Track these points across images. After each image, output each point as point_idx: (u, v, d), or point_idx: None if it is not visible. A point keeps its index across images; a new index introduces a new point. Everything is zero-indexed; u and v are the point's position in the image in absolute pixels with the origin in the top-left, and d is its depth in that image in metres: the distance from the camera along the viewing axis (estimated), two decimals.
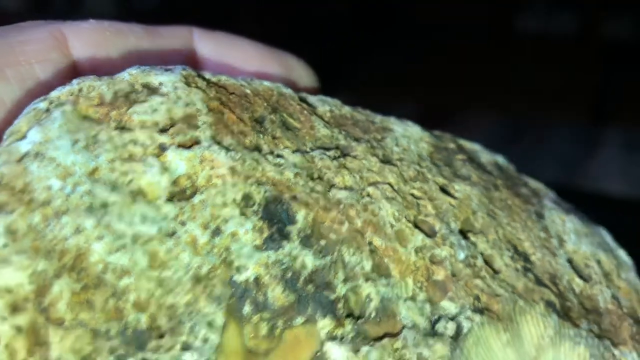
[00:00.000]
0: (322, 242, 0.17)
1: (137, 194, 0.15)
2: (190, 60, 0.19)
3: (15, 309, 0.14)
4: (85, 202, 0.15)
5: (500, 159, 0.22)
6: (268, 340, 0.15)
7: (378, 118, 0.20)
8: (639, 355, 0.20)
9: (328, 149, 0.18)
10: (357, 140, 0.19)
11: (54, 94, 0.16)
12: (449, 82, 0.74)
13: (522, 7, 0.85)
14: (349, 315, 0.16)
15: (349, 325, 0.16)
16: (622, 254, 0.23)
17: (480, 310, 0.18)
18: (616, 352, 0.20)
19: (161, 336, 0.15)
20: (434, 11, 0.84)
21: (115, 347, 0.14)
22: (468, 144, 0.22)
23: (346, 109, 0.19)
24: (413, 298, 0.17)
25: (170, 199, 0.15)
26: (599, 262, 0.22)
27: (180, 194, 0.16)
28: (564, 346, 0.19)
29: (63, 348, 0.14)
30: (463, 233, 0.19)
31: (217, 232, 0.15)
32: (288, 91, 0.18)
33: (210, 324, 0.15)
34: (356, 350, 0.16)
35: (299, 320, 0.16)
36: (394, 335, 0.17)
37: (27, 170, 0.15)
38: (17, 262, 0.14)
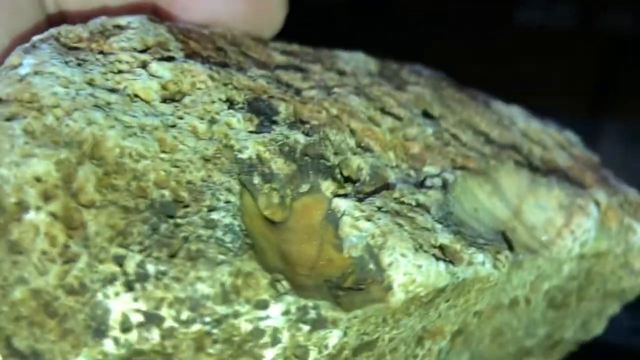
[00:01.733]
0: (307, 126, 0.18)
1: (134, 97, 0.16)
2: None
3: (47, 197, 0.15)
4: (91, 101, 0.16)
5: (440, 74, 0.24)
6: (282, 209, 0.16)
7: (324, 50, 0.22)
8: (607, 193, 0.22)
9: (288, 68, 0.20)
10: (312, 62, 0.20)
11: (35, 38, 0.17)
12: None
13: (523, 3, 0.84)
14: (347, 180, 0.17)
15: (349, 187, 0.17)
16: (570, 134, 0.25)
17: (459, 168, 0.19)
18: (586, 191, 0.21)
19: (186, 206, 0.15)
20: (433, 5, 0.84)
21: (148, 217, 0.15)
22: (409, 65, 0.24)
23: (295, 46, 0.21)
24: (398, 167, 0.19)
25: (164, 101, 0.17)
26: (550, 136, 0.24)
27: (171, 97, 0.17)
28: (540, 191, 0.21)
29: (99, 224, 0.15)
30: (426, 116, 0.21)
31: (213, 121, 0.17)
32: (240, 33, 0.20)
33: (229, 190, 0.16)
34: (361, 200, 0.17)
35: (305, 187, 0.17)
36: (390, 187, 0.18)
37: (31, 83, 0.16)
38: (40, 153, 0.15)
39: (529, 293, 0.21)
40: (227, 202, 0.16)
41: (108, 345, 0.14)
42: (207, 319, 0.14)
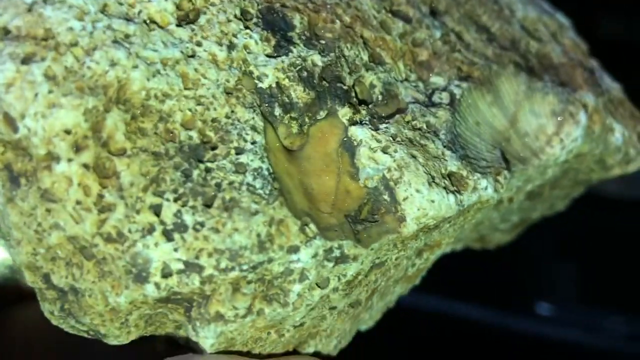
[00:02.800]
0: (322, 42, 0.18)
1: (151, 23, 0.16)
2: None
3: (78, 148, 0.15)
4: (110, 36, 0.15)
5: None
6: (299, 137, 0.17)
7: None
8: (594, 94, 0.22)
9: None
10: None
11: None
12: None
13: None
14: (361, 102, 0.18)
15: (363, 111, 0.17)
16: (560, 16, 0.25)
17: (464, 79, 0.20)
18: (577, 96, 0.22)
19: (214, 147, 0.16)
20: None
21: (179, 163, 0.15)
22: None
23: None
24: (407, 79, 0.19)
25: (179, 24, 0.16)
26: (545, 24, 0.24)
27: (186, 17, 0.16)
28: (535, 98, 0.21)
29: (133, 174, 0.15)
30: (433, 15, 0.21)
31: (231, 46, 0.16)
32: None
33: (253, 128, 0.16)
34: (376, 129, 0.17)
35: (322, 114, 0.17)
36: (402, 111, 0.18)
37: (43, 16, 0.15)
38: (67, 103, 0.14)
39: (513, 194, 0.22)
40: (253, 142, 0.16)
41: (149, 289, 0.15)
42: (245, 267, 0.15)
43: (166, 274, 0.15)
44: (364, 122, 0.17)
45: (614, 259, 0.48)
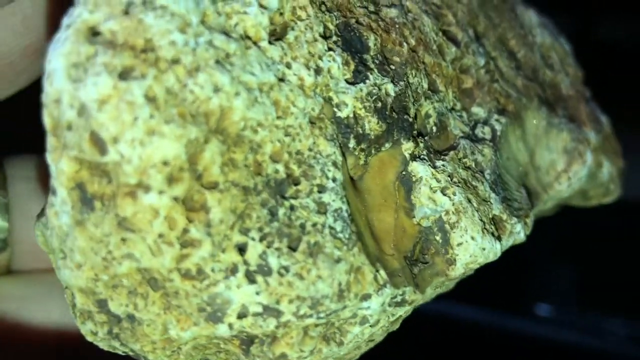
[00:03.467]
0: (392, 67, 0.17)
1: (246, 39, 0.15)
2: None
3: (171, 180, 0.13)
4: (212, 55, 0.14)
5: None
6: (362, 168, 0.16)
7: None
8: (595, 132, 0.23)
9: None
10: None
11: None
12: None
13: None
14: (419, 134, 0.17)
15: (421, 144, 0.17)
16: (563, 40, 0.26)
17: (501, 112, 0.20)
18: (583, 133, 0.22)
19: (296, 183, 0.15)
20: None
21: (266, 199, 0.14)
22: None
23: None
24: (454, 108, 0.19)
25: (270, 41, 0.15)
26: (556, 51, 0.24)
27: (276, 33, 0.15)
28: (552, 133, 0.21)
29: (224, 210, 0.14)
30: (477, 39, 0.20)
31: (318, 71, 0.15)
32: None
33: (334, 164, 0.15)
34: (434, 166, 0.17)
35: (387, 145, 0.16)
36: (454, 147, 0.18)
37: (144, 23, 0.13)
38: (169, 133, 0.13)
39: None
40: (334, 179, 0.15)
41: (222, 329, 0.14)
42: (322, 315, 0.15)
43: (241, 315, 0.14)
44: (422, 156, 0.17)
45: (614, 260, 0.48)
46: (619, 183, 0.25)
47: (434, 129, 0.18)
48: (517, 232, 0.18)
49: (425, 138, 0.17)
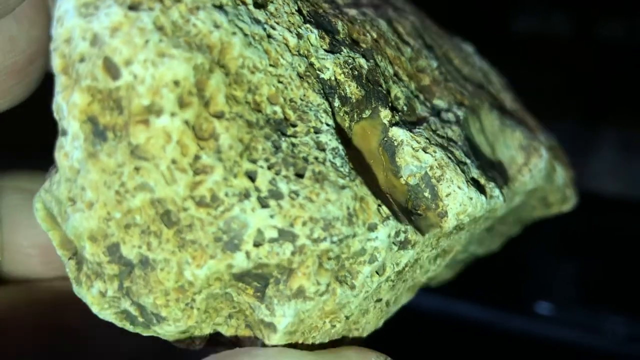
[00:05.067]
0: (361, 48, 0.18)
1: None
2: None
3: (182, 103, 0.14)
4: (209, 0, 0.15)
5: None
6: (347, 131, 0.17)
7: None
8: (545, 137, 0.24)
9: None
10: None
11: None
12: None
13: (518, 9, 0.85)
14: (393, 109, 0.18)
15: (397, 117, 0.18)
16: (496, 74, 0.27)
17: (460, 105, 0.21)
18: (535, 137, 0.23)
19: (294, 125, 0.15)
20: (428, 11, 0.84)
21: (269, 134, 0.15)
22: None
23: None
24: (417, 97, 0.20)
25: (255, 5, 0.16)
26: (495, 76, 0.26)
27: (258, 3, 0.16)
28: (507, 132, 0.22)
29: (232, 137, 0.14)
30: (428, 47, 0.22)
31: (299, 36, 0.17)
32: None
33: (326, 112, 0.16)
34: (411, 131, 0.18)
35: (367, 112, 0.17)
36: (426, 120, 0.19)
37: None
38: (179, 55, 0.14)
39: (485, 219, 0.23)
40: (328, 124, 0.16)
41: (239, 258, 0.14)
42: (335, 239, 0.15)
43: (257, 243, 0.14)
44: (401, 124, 0.18)
45: (614, 259, 0.48)
46: (574, 190, 0.26)
47: (405, 108, 0.19)
48: (496, 195, 0.19)
49: (400, 114, 0.18)
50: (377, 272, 0.16)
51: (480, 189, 0.18)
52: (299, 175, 0.15)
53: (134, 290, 0.15)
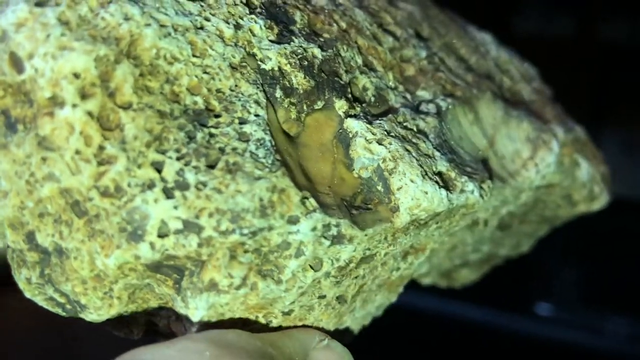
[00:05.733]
0: (321, 39, 0.18)
1: None
2: None
3: (84, 94, 0.14)
4: None
5: None
6: (296, 124, 0.17)
7: None
8: (563, 129, 0.23)
9: None
10: None
11: None
12: None
13: (520, 9, 0.85)
14: (356, 100, 0.18)
15: (358, 108, 0.18)
16: (528, 66, 0.26)
17: (448, 95, 0.20)
18: (549, 127, 0.23)
19: (217, 116, 0.15)
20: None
21: (183, 124, 0.15)
22: None
23: None
24: (396, 88, 0.19)
25: None
26: (515, 67, 0.25)
27: None
28: (511, 123, 0.22)
29: (137, 127, 0.14)
30: (419, 37, 0.22)
31: (238, 26, 0.17)
32: None
33: (257, 102, 0.16)
34: (370, 123, 0.17)
35: (320, 104, 0.17)
36: (394, 111, 0.19)
37: None
38: (79, 47, 0.14)
39: (489, 216, 0.22)
40: (257, 115, 0.16)
41: (143, 249, 0.14)
42: (245, 231, 0.15)
43: (163, 234, 0.14)
44: (359, 116, 0.18)
45: (615, 260, 0.48)
46: (605, 188, 0.25)
47: (373, 99, 0.18)
48: (470, 190, 0.18)
49: (363, 105, 0.18)
50: (311, 267, 0.16)
51: (446, 183, 0.18)
52: (211, 166, 0.15)
53: (53, 277, 0.16)
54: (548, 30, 0.81)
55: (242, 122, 0.16)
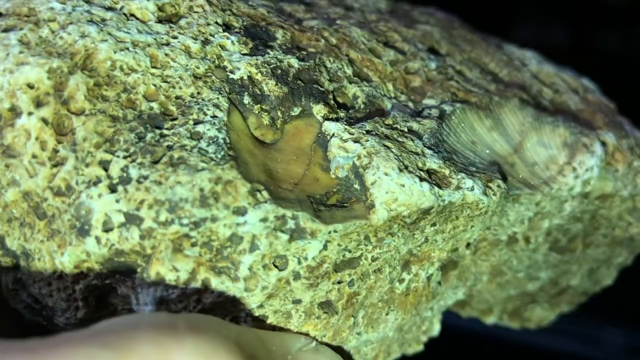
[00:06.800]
0: (303, 52, 0.19)
1: (130, 16, 0.18)
2: None
3: (39, 103, 0.16)
4: (86, 17, 0.17)
5: (453, 17, 0.25)
6: (272, 131, 0.17)
7: None
8: (616, 135, 0.22)
9: (292, 2, 0.21)
10: None
11: None
12: None
13: (516, 19, 0.85)
14: (341, 106, 0.18)
15: (342, 113, 0.18)
16: (587, 81, 0.25)
17: (459, 101, 0.20)
18: (594, 132, 0.21)
19: (174, 119, 0.16)
20: None
21: (135, 127, 0.16)
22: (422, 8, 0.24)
23: None
24: (396, 98, 0.19)
25: (159, 21, 0.18)
26: (564, 80, 0.24)
27: (167, 19, 0.18)
28: (544, 129, 0.21)
29: (87, 130, 0.16)
30: (431, 52, 0.21)
31: (206, 42, 0.18)
32: None
33: (216, 105, 0.17)
34: (350, 124, 0.18)
35: (296, 109, 0.17)
36: (383, 114, 0.18)
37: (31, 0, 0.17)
38: (33, 61, 0.16)
39: (527, 231, 0.21)
40: (214, 116, 0.16)
41: (90, 243, 0.15)
42: (185, 221, 0.15)
43: (107, 228, 0.15)
44: (340, 119, 0.18)
45: None
46: None
47: (362, 106, 0.19)
48: (468, 187, 0.17)
49: (350, 111, 0.18)
50: (275, 266, 0.16)
51: (438, 180, 0.17)
52: (155, 162, 0.15)
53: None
54: (543, 40, 0.82)
55: (197, 122, 0.16)
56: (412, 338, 0.21)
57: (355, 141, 0.17)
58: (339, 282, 0.17)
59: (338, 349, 0.18)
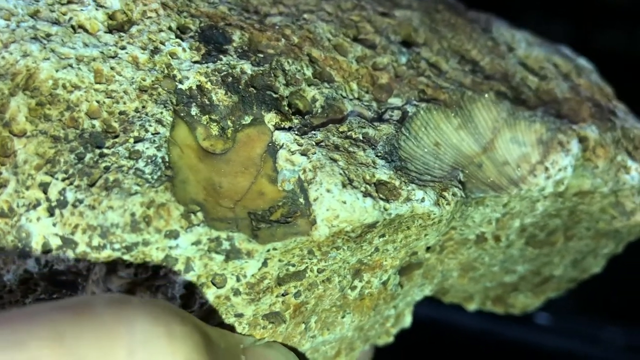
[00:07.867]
0: (260, 55, 0.18)
1: (78, 28, 0.17)
2: None
3: None
4: (30, 34, 0.17)
5: None
6: (222, 141, 0.17)
7: None
8: (600, 128, 0.21)
9: None
10: None
11: None
12: None
13: (516, 19, 0.85)
14: (296, 112, 0.18)
15: (296, 120, 0.18)
16: (583, 61, 0.24)
17: (426, 100, 0.19)
18: (575, 127, 0.20)
19: (116, 136, 0.16)
20: None
21: (75, 147, 0.16)
22: None
23: None
24: (359, 99, 0.19)
25: (109, 31, 0.17)
26: (555, 65, 0.23)
27: (117, 27, 0.18)
28: (519, 125, 0.20)
29: (27, 153, 0.16)
30: (405, 44, 0.21)
31: (156, 51, 0.17)
32: None
33: (159, 121, 0.16)
34: (302, 134, 0.17)
35: (247, 118, 0.17)
36: (337, 121, 0.18)
37: None
38: None
39: (496, 230, 0.21)
40: (155, 133, 0.16)
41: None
42: (116, 246, 0.15)
43: (47, 250, 0.15)
44: (292, 128, 0.17)
45: (613, 269, 0.48)
46: None
47: (320, 110, 0.18)
48: (418, 199, 0.17)
49: (306, 116, 0.18)
50: (214, 284, 0.16)
51: (386, 192, 0.17)
52: (91, 185, 0.15)
53: None
54: (545, 38, 0.81)
55: (138, 140, 0.16)
56: (377, 334, 0.21)
57: (303, 154, 0.17)
58: (283, 295, 0.17)
59: (292, 349, 0.18)
